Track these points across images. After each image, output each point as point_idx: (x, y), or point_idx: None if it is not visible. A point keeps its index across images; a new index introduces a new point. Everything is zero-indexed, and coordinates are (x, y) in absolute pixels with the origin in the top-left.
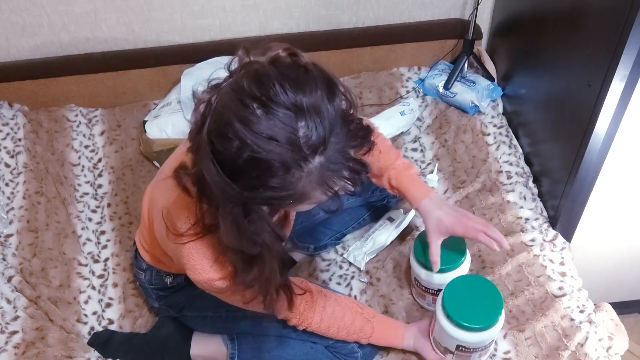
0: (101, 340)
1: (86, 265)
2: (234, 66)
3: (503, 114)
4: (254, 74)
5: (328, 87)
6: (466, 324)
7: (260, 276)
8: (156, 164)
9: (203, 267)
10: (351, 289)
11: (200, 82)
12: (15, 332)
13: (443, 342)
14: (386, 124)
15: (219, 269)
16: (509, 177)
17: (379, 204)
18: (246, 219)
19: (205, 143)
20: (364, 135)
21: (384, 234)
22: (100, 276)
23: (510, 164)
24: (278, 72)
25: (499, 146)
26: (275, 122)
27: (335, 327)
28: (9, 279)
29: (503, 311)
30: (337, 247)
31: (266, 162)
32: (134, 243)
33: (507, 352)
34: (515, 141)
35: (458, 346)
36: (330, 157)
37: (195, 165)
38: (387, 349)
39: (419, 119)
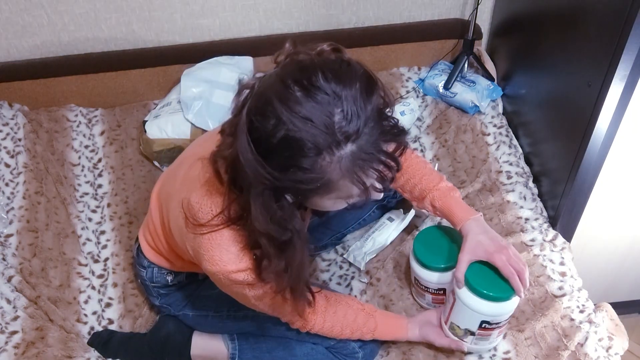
0: (101, 340)
1: (86, 265)
2: (280, 58)
3: (503, 114)
4: (298, 62)
5: (367, 82)
6: (492, 294)
7: (292, 263)
8: (156, 164)
9: (221, 258)
10: (351, 289)
11: (200, 82)
12: (15, 332)
13: (464, 323)
14: None
15: (237, 261)
16: (509, 177)
17: (379, 205)
18: (276, 203)
19: (243, 122)
20: (398, 133)
21: (384, 234)
22: (100, 276)
23: (510, 164)
24: (321, 61)
25: (499, 146)
26: (313, 105)
27: (338, 326)
28: (9, 279)
29: None
30: (337, 247)
31: (299, 142)
32: (136, 240)
33: (507, 352)
34: (515, 141)
35: (482, 322)
36: (362, 146)
37: (230, 148)
38: (388, 349)
39: (419, 119)
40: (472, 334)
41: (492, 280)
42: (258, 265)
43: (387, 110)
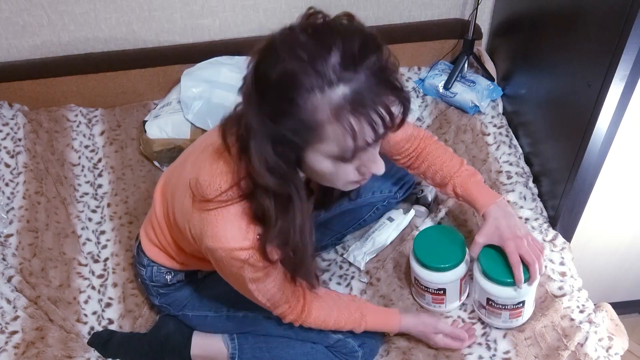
0: (101, 340)
1: (86, 265)
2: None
3: (503, 114)
4: (307, 16)
5: (370, 39)
6: (493, 276)
7: (293, 226)
8: (156, 164)
9: (226, 234)
10: (351, 289)
11: (200, 82)
12: (15, 332)
13: (477, 295)
14: None
15: (241, 239)
16: (509, 177)
17: (379, 205)
18: (275, 155)
19: (251, 68)
20: (396, 87)
21: (384, 234)
22: (100, 276)
23: (510, 164)
24: (330, 18)
25: (499, 146)
26: (312, 45)
27: (330, 317)
28: (9, 279)
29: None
30: (337, 247)
31: (293, 77)
32: (137, 238)
33: (507, 352)
34: (515, 141)
35: (488, 300)
36: (357, 90)
37: (240, 105)
38: (388, 349)
39: (419, 119)
40: (483, 307)
41: (502, 263)
42: (262, 242)
43: (392, 70)
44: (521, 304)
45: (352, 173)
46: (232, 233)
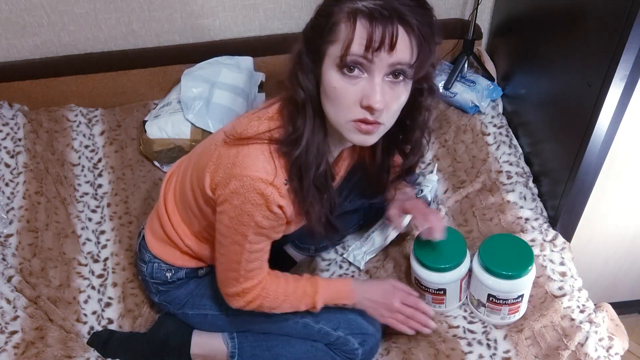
0: (101, 339)
1: (86, 265)
2: None
3: (503, 114)
4: None
5: None
6: (497, 271)
7: (303, 130)
8: (156, 164)
9: (256, 164)
10: None
11: (200, 82)
12: (15, 332)
13: (476, 294)
14: None
15: (268, 172)
16: (509, 177)
17: (379, 206)
18: (300, 63)
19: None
20: (415, 32)
21: (384, 234)
22: (100, 276)
23: (510, 164)
24: None
25: (499, 146)
26: None
27: (281, 294)
28: (9, 279)
29: (534, 266)
30: (337, 247)
31: None
32: (139, 235)
33: (507, 352)
34: (515, 141)
35: (489, 296)
36: (380, 5)
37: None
38: (388, 349)
39: None
40: (483, 305)
41: (503, 258)
42: (288, 170)
43: (428, 18)
44: (520, 298)
45: (355, 101)
46: (261, 164)
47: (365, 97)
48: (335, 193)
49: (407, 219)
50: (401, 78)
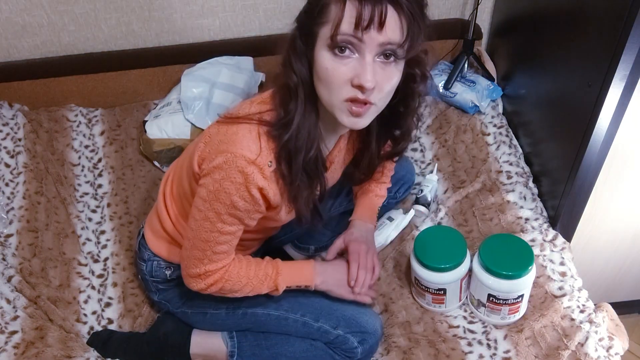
0: (100, 339)
1: (86, 265)
2: None
3: (503, 114)
4: None
5: None
6: (497, 270)
7: (294, 114)
8: (156, 164)
9: (242, 142)
10: None
11: (200, 83)
12: (14, 332)
13: (477, 294)
14: None
15: (253, 152)
16: (509, 177)
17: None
18: (293, 48)
19: None
20: (404, 11)
21: (384, 233)
22: (100, 276)
23: (510, 164)
24: None
25: (499, 146)
26: None
27: (243, 281)
28: (9, 279)
29: (534, 266)
30: None
31: None
32: (139, 234)
33: (507, 352)
34: (515, 141)
35: (490, 296)
36: None
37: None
38: (388, 349)
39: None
40: (484, 305)
41: (503, 258)
42: (277, 154)
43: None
44: (520, 298)
45: (346, 81)
46: (246, 143)
47: (356, 76)
48: (325, 181)
49: (408, 218)
50: (392, 59)
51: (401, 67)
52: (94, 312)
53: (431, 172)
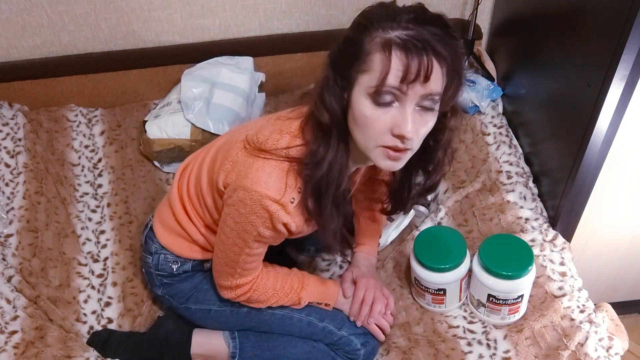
0: (100, 339)
1: (86, 265)
2: None
3: (503, 114)
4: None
5: (446, 21)
6: (497, 271)
7: (326, 156)
8: (156, 164)
9: (267, 181)
10: None
11: (200, 83)
12: (14, 332)
13: (476, 294)
14: None
15: (278, 191)
16: (509, 177)
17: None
18: (328, 87)
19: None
20: (448, 62)
21: (384, 234)
22: (100, 275)
23: (510, 164)
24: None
25: (499, 146)
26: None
27: (269, 293)
28: (9, 279)
29: (534, 266)
30: None
31: (363, 16)
32: (145, 226)
33: (507, 352)
34: (515, 141)
35: (489, 296)
36: (412, 35)
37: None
38: (388, 349)
39: None
40: (484, 305)
41: (503, 258)
42: (302, 194)
43: (455, 46)
44: (520, 298)
45: (386, 130)
46: (274, 183)
47: (397, 127)
48: (350, 209)
49: (408, 218)
50: (432, 107)
51: (437, 112)
52: (93, 312)
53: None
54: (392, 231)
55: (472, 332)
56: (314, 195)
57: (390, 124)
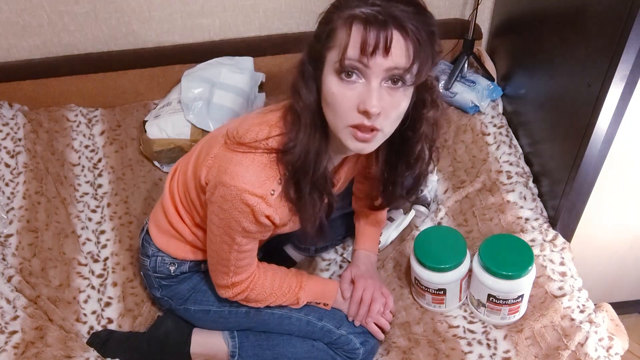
0: (100, 339)
1: (86, 265)
2: None
3: (503, 114)
4: None
5: (417, 3)
6: (497, 271)
7: (302, 138)
8: (156, 164)
9: (245, 175)
10: None
11: (200, 83)
12: (14, 332)
13: (476, 294)
14: None
15: (257, 185)
16: (509, 177)
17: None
18: (302, 74)
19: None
20: (417, 42)
21: (384, 234)
22: (100, 275)
23: (510, 164)
24: None
25: (499, 146)
26: None
27: (267, 292)
28: (9, 279)
29: (534, 266)
30: (337, 247)
31: (332, 5)
32: (142, 229)
33: (507, 352)
34: (515, 141)
35: (489, 296)
36: (377, 11)
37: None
38: (388, 349)
39: None
40: (484, 305)
41: (503, 258)
42: (285, 180)
43: (428, 25)
44: (520, 298)
45: (352, 107)
46: (251, 176)
47: (362, 102)
48: (335, 199)
49: (408, 218)
50: (400, 84)
51: (410, 93)
52: (93, 312)
53: (431, 172)
54: (392, 231)
55: (472, 332)
56: (293, 180)
57: (357, 100)
